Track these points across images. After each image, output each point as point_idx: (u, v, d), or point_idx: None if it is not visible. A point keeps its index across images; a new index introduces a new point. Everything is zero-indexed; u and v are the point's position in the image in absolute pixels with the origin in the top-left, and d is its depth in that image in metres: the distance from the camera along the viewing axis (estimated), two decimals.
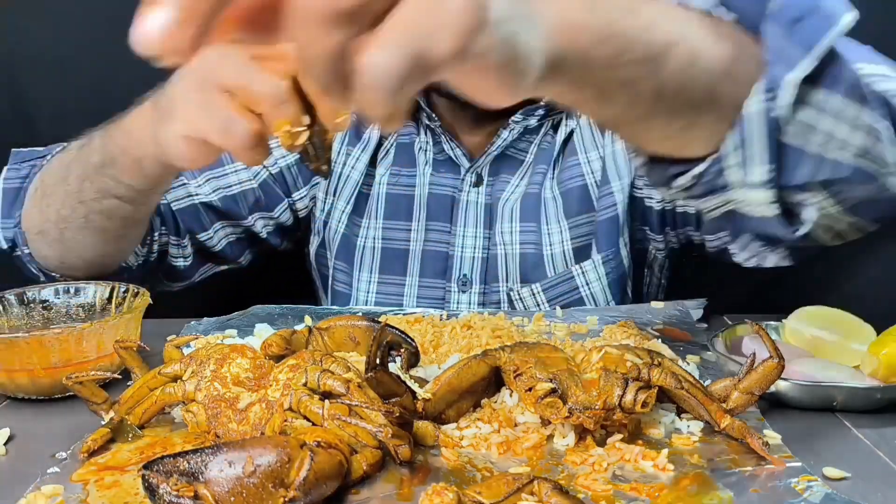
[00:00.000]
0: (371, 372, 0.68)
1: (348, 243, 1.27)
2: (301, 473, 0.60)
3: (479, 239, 1.23)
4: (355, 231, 1.27)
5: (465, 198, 1.23)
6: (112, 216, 1.01)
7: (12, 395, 0.86)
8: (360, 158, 1.27)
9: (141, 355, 0.81)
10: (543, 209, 1.19)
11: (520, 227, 1.20)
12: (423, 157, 1.26)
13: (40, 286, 0.99)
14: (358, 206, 1.26)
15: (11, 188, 1.12)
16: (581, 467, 0.69)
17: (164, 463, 0.58)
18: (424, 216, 1.24)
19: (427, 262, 1.24)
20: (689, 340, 1.00)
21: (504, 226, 1.21)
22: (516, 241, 1.20)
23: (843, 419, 0.78)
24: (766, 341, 0.72)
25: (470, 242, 1.23)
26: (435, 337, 0.96)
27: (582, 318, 1.09)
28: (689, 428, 0.75)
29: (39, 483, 0.67)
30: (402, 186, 1.26)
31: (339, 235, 1.28)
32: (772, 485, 0.65)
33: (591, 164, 1.19)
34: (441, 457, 0.71)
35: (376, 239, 1.25)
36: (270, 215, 1.28)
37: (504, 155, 1.22)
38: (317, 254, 1.34)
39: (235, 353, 0.75)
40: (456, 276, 1.23)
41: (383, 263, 1.25)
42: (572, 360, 0.75)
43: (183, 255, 1.22)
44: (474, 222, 1.22)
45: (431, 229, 1.24)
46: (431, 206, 1.24)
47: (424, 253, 1.24)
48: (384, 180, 1.26)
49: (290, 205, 1.30)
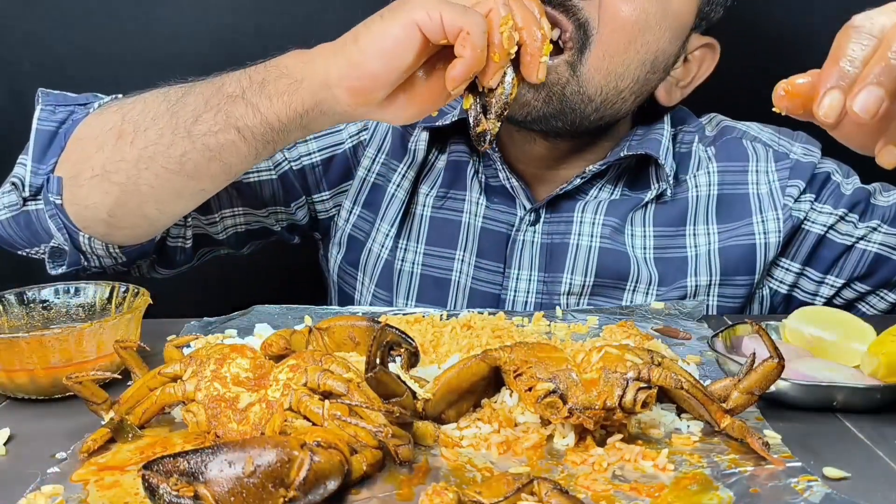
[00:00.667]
0: (371, 372, 0.68)
1: (388, 268, 1.20)
2: (301, 473, 0.60)
3: (533, 283, 1.16)
4: (396, 255, 1.19)
5: (522, 237, 1.16)
6: (215, 157, 0.96)
7: (12, 395, 0.86)
8: (405, 175, 1.21)
9: (141, 355, 0.81)
10: (634, 267, 1.13)
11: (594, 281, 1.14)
12: (476, 183, 1.19)
13: (40, 286, 0.99)
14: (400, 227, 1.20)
15: (46, 130, 1.06)
16: (581, 467, 0.69)
17: (164, 463, 0.58)
18: (475, 250, 1.17)
19: (475, 302, 1.17)
20: (689, 340, 1.00)
21: (575, 277, 1.14)
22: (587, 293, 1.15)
23: (843, 419, 0.78)
24: (766, 341, 0.72)
25: (524, 286, 1.16)
26: (435, 337, 0.96)
27: (582, 318, 1.09)
28: (689, 428, 0.75)
29: (39, 483, 0.67)
30: (449, 210, 1.19)
31: (382, 261, 1.21)
32: (772, 485, 0.65)
33: (697, 237, 1.15)
34: (441, 457, 0.71)
35: (415, 264, 1.19)
36: (286, 210, 1.24)
37: (564, 194, 1.17)
38: (340, 268, 1.27)
39: (235, 353, 0.75)
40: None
41: (422, 291, 1.19)
42: (572, 360, 0.75)
43: (183, 237, 1.17)
44: (530, 264, 1.16)
45: (482, 268, 1.17)
46: (483, 241, 1.17)
47: (472, 291, 1.17)
48: (430, 201, 1.19)
49: (309, 204, 1.25)
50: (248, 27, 1.57)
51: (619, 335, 0.97)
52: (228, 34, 1.57)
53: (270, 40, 1.57)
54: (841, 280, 1.16)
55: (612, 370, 0.71)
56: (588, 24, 1.04)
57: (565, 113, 1.08)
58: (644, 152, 1.14)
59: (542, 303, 1.16)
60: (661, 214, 1.16)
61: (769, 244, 1.14)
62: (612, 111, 1.11)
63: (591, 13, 1.04)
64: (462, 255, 1.18)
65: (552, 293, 1.16)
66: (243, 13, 1.57)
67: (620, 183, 1.19)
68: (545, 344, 0.79)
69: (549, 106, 1.07)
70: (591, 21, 1.04)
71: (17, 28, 1.54)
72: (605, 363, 0.72)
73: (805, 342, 0.90)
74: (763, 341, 0.72)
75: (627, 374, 0.71)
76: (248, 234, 1.25)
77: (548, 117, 1.09)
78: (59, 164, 1.03)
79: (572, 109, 1.08)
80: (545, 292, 1.16)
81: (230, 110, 0.94)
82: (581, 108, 1.08)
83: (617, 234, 1.15)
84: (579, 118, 1.10)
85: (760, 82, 0.89)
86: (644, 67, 1.09)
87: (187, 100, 0.97)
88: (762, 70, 1.25)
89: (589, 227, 1.15)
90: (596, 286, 1.15)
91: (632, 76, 1.09)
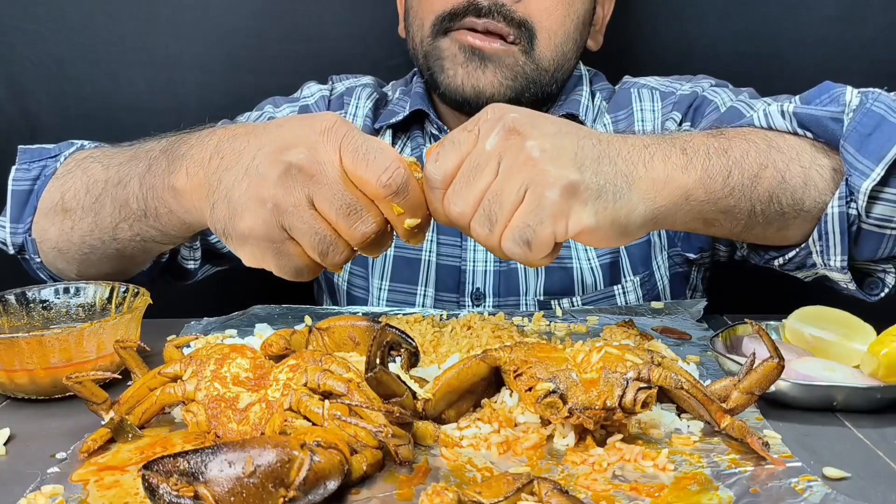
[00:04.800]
0: (371, 372, 0.68)
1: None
2: (301, 473, 0.60)
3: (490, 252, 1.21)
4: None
5: None
6: (146, 250, 1.02)
7: (12, 395, 0.86)
8: None
9: (141, 355, 0.81)
10: None
11: None
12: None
13: (40, 286, 0.99)
14: None
15: (22, 190, 1.09)
16: (581, 467, 0.69)
17: (164, 463, 0.58)
18: (436, 229, 1.24)
19: (440, 277, 1.25)
20: (689, 340, 1.00)
21: None
22: None
23: (843, 419, 0.78)
24: (766, 341, 0.72)
25: (481, 256, 1.24)
26: (435, 337, 0.96)
27: (582, 318, 1.09)
28: (689, 428, 0.75)
29: (39, 483, 0.67)
30: None
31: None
32: (772, 485, 0.65)
33: None
34: (441, 457, 0.71)
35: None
36: None
37: None
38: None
39: (235, 353, 0.75)
40: (469, 290, 1.24)
41: (395, 271, 1.26)
42: (572, 360, 0.75)
43: (193, 258, 1.22)
44: None
45: (443, 243, 1.25)
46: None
47: (438, 267, 1.25)
48: None
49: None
50: (249, 27, 1.57)
51: (619, 335, 0.97)
52: (228, 34, 1.57)
53: (270, 40, 1.57)
54: None
55: (612, 370, 0.71)
56: (527, 21, 1.18)
57: (528, 87, 1.21)
58: (567, 111, 1.27)
59: (500, 270, 1.24)
60: None
61: None
62: (564, 72, 1.26)
63: (526, 11, 1.17)
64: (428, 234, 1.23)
65: (509, 262, 1.23)
66: (243, 13, 1.57)
67: None
68: (545, 344, 0.79)
69: (516, 83, 1.20)
70: (529, 18, 1.18)
71: (17, 28, 1.54)
72: (605, 363, 0.72)
73: (805, 342, 0.90)
74: (763, 341, 0.72)
75: (627, 374, 0.71)
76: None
77: (516, 95, 1.21)
78: (32, 226, 1.08)
79: (534, 82, 1.22)
80: (501, 260, 1.24)
81: (140, 229, 0.97)
82: (540, 80, 1.22)
83: None
84: (541, 88, 1.23)
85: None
86: (578, 29, 1.24)
87: (105, 203, 0.99)
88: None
89: None
90: None
91: (571, 39, 1.24)
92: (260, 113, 1.36)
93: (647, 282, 1.24)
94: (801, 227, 0.90)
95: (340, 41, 1.57)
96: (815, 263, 0.93)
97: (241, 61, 1.57)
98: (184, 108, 1.57)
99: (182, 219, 0.91)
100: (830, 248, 0.89)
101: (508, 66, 1.18)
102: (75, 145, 1.15)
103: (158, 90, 1.57)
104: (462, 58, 1.18)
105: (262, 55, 1.57)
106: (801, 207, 0.88)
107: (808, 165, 0.88)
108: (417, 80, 1.33)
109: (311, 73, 1.47)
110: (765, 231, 0.90)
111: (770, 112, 0.94)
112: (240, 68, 1.57)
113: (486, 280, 1.24)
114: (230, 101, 1.54)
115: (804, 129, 0.91)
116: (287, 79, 1.48)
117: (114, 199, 0.97)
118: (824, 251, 0.90)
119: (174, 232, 0.95)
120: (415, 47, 1.26)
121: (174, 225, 0.93)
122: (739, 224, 0.87)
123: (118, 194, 0.97)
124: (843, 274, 0.92)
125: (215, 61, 1.58)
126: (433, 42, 1.21)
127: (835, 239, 0.89)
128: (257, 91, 1.45)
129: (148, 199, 0.93)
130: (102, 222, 0.99)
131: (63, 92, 1.57)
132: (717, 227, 0.87)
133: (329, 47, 1.57)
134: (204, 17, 1.56)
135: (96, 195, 1.00)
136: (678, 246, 1.25)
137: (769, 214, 0.87)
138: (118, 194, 0.97)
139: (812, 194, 0.88)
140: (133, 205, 0.95)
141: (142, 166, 0.94)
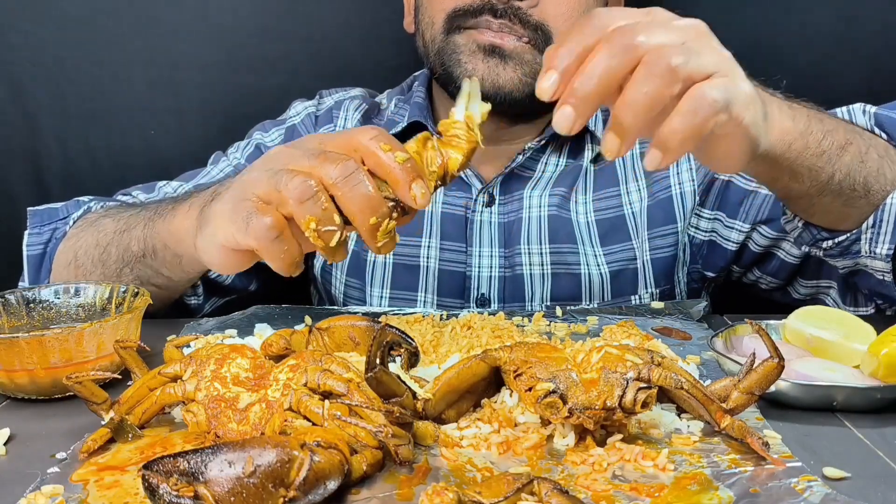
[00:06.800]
0: (371, 372, 0.68)
1: (358, 259, 1.27)
2: (301, 473, 0.60)
3: (495, 258, 1.24)
4: (364, 246, 1.25)
5: (479, 218, 1.25)
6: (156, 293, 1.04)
7: (12, 395, 0.86)
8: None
9: (141, 355, 0.81)
10: (578, 233, 1.22)
11: (550, 249, 1.23)
12: None
13: (40, 286, 0.99)
14: None
15: (35, 255, 1.16)
16: (581, 467, 0.69)
17: (164, 463, 0.58)
18: (438, 234, 1.25)
19: (444, 282, 1.25)
20: (689, 340, 1.00)
21: (531, 247, 1.22)
22: (547, 262, 1.22)
23: (843, 419, 0.78)
24: (766, 341, 0.72)
25: (486, 262, 1.25)
26: (435, 337, 0.97)
27: (582, 318, 1.09)
28: (689, 428, 0.75)
29: (39, 483, 0.67)
30: None
31: (350, 252, 1.27)
32: (772, 485, 0.65)
33: (630, 195, 1.24)
34: (441, 457, 0.71)
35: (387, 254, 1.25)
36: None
37: (512, 174, 1.26)
38: (322, 270, 1.33)
39: (235, 353, 0.75)
40: (474, 295, 1.24)
41: (395, 278, 1.26)
42: (572, 360, 0.75)
43: (196, 294, 1.22)
44: (490, 242, 1.24)
45: (447, 249, 1.25)
46: (445, 225, 1.25)
47: (441, 273, 1.25)
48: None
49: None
50: (249, 27, 1.57)
51: (619, 335, 0.97)
52: (228, 34, 1.57)
53: (271, 40, 1.58)
54: (748, 225, 1.20)
55: (612, 370, 0.71)
56: (543, 24, 1.17)
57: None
58: None
59: (506, 276, 1.25)
60: (600, 179, 1.25)
61: (685, 193, 1.23)
62: None
63: (541, 15, 1.16)
64: (428, 240, 1.26)
65: (513, 265, 1.24)
66: (243, 13, 1.57)
67: (563, 152, 1.28)
68: (545, 344, 0.79)
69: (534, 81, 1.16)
70: (545, 21, 1.17)
71: (17, 28, 1.54)
72: (605, 363, 0.72)
73: (805, 342, 0.90)
74: (763, 341, 0.72)
75: (627, 374, 0.71)
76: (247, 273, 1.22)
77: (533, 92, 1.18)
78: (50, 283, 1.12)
79: None
80: (507, 266, 1.24)
81: (140, 271, 1.04)
82: None
83: (564, 201, 1.24)
84: None
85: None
86: None
87: (111, 252, 1.06)
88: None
89: (538, 201, 1.25)
90: (553, 253, 1.23)
91: None
92: (248, 141, 1.35)
93: (666, 295, 1.25)
94: (861, 210, 0.97)
95: (341, 41, 1.57)
96: (859, 250, 1.00)
97: (241, 61, 1.57)
98: (184, 108, 1.57)
99: (174, 251, 0.96)
100: (881, 234, 0.97)
101: (528, 63, 1.17)
102: (83, 206, 1.20)
103: (158, 90, 1.57)
104: (481, 54, 1.17)
105: (262, 55, 1.57)
106: (868, 190, 0.95)
107: (882, 156, 0.96)
108: (418, 87, 1.32)
109: (312, 73, 1.47)
110: (832, 202, 0.95)
111: (853, 109, 1.03)
112: (240, 68, 1.57)
113: (491, 286, 1.24)
114: (230, 101, 1.54)
115: (880, 128, 1.00)
116: (287, 79, 1.49)
117: (118, 246, 1.04)
118: (874, 238, 0.98)
119: (166, 271, 1.00)
120: (425, 43, 1.25)
121: (168, 261, 0.98)
122: (816, 186, 0.92)
123: (122, 240, 1.04)
124: (885, 262, 0.99)
125: (215, 61, 1.58)
126: (447, 38, 1.20)
127: (887, 227, 0.97)
128: (257, 91, 1.45)
129: (147, 239, 0.99)
130: (108, 270, 1.06)
131: (63, 92, 1.57)
132: (798, 184, 0.91)
133: (329, 48, 1.57)
134: (204, 17, 1.57)
135: (104, 245, 1.07)
136: (698, 264, 1.27)
137: (843, 187, 0.93)
138: (122, 240, 1.04)
139: (881, 182, 0.95)
140: (134, 247, 1.01)
141: (149, 213, 1.01)
